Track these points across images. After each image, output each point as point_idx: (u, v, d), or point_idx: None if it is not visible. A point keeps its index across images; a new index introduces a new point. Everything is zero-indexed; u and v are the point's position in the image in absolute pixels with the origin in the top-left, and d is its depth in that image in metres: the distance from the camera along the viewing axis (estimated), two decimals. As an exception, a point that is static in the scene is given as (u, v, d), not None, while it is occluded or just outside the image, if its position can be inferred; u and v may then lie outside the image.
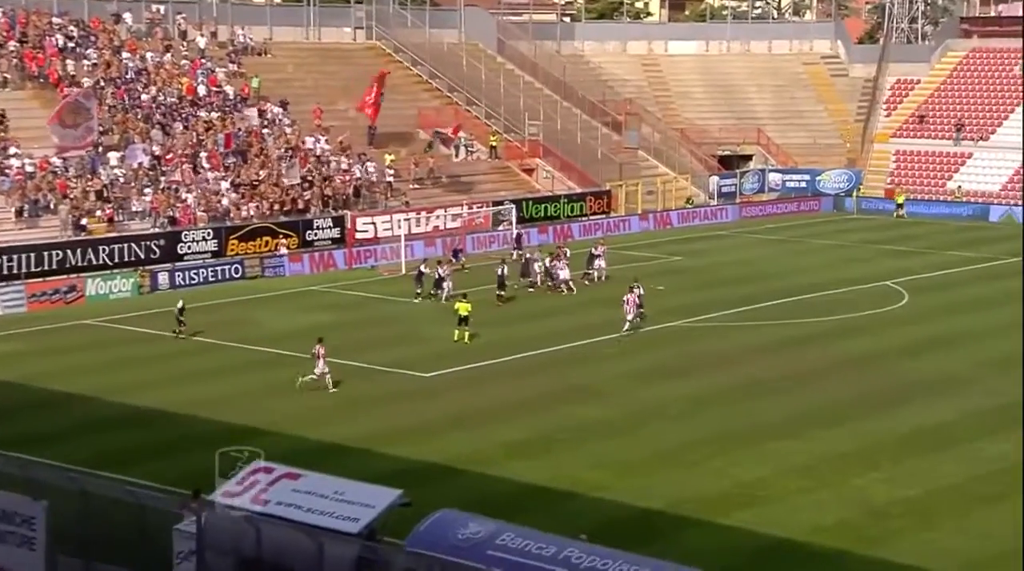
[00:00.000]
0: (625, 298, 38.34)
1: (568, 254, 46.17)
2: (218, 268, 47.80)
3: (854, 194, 69.42)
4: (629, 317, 37.95)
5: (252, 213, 51.67)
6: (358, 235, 52.41)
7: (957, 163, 71.18)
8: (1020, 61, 74.70)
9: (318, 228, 52.11)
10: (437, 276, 43.36)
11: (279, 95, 60.99)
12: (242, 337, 38.10)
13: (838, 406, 30.33)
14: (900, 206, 66.32)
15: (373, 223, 53.30)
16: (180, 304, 38.28)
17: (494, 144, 64.85)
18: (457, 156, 63.71)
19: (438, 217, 55.40)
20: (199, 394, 31.45)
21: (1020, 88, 73.57)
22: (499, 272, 43.12)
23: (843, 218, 67.03)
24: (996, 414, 29.47)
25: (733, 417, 29.50)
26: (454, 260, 47.48)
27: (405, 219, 52.58)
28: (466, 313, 37.18)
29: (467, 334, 37.21)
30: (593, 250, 47.85)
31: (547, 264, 45.38)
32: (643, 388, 32.21)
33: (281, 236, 50.67)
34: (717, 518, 23.20)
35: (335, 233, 52.39)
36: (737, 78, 80.00)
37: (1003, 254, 53.46)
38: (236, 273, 48.07)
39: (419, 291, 43.56)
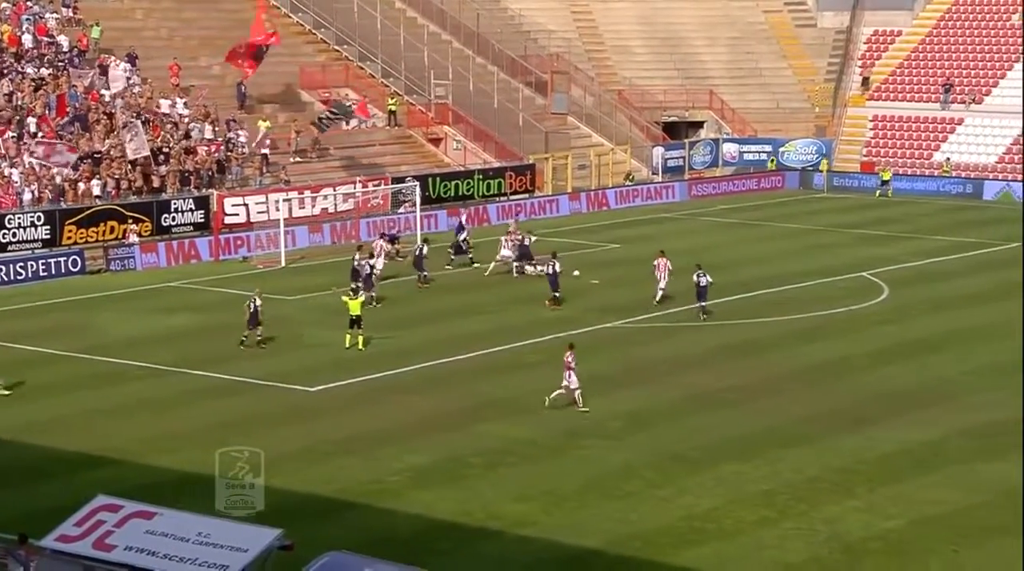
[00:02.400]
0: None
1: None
2: (51, 261, 47.16)
3: (824, 168, 70.64)
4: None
5: (94, 193, 51.01)
6: (226, 220, 52.03)
7: (945, 131, 72.80)
8: (1020, 8, 76.65)
9: (176, 211, 51.65)
10: (369, 269, 42.59)
11: (126, 48, 60.26)
12: (81, 346, 37.66)
13: (804, 422, 30.86)
14: (886, 183, 67.58)
15: (245, 205, 52.95)
16: None
17: (393, 109, 64.77)
18: (348, 123, 63.43)
19: (326, 198, 55.22)
20: (25, 416, 31.01)
21: (1020, 41, 75.49)
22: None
23: (811, 197, 68.18)
24: (990, 430, 30.22)
25: (678, 436, 29.86)
26: (389, 247, 46.80)
27: (284, 200, 52.31)
28: (358, 313, 37.11)
29: (361, 338, 37.17)
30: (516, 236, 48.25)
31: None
32: (573, 402, 32.45)
33: (131, 221, 50.13)
34: (665, 557, 23.48)
35: (198, 217, 51.98)
36: (685, 29, 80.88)
37: (998, 239, 54.84)
38: (74, 267, 47.49)
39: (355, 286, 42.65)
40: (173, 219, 51.45)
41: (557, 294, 42.69)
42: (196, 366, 35.43)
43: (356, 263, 42.64)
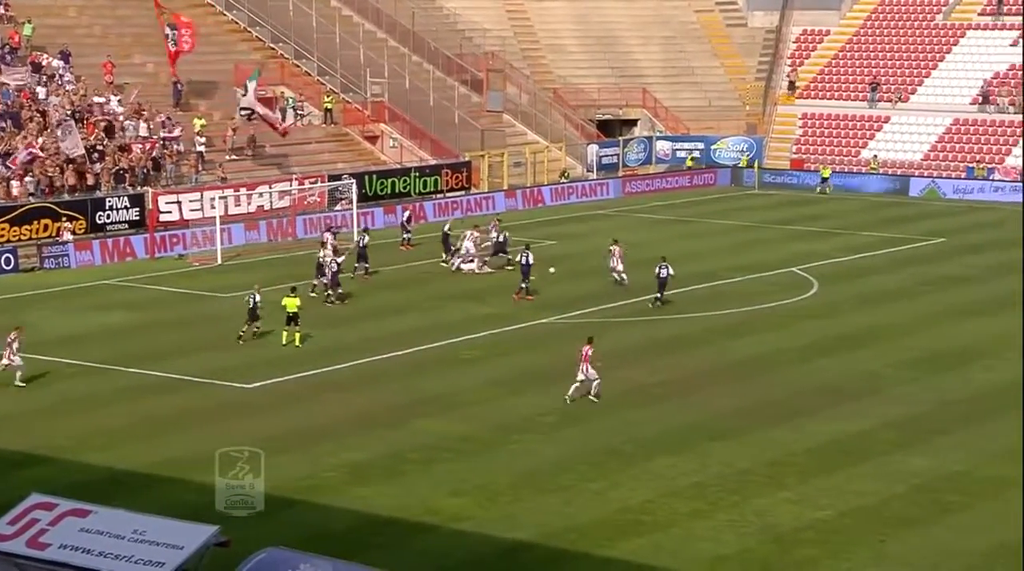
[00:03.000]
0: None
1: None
2: (-15, 259, 46.72)
3: (755, 165, 71.23)
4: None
5: (27, 190, 50.37)
6: (161, 217, 51.60)
7: (873, 129, 73.65)
8: (943, 11, 77.78)
9: (111, 209, 51.17)
10: (335, 266, 42.37)
11: (59, 45, 59.57)
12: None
13: (735, 415, 31.13)
14: (825, 181, 68.12)
15: (179, 202, 52.53)
16: None
17: (329, 106, 64.53)
18: (284, 120, 63.06)
19: (262, 195, 54.93)
20: (-38, 415, 30.65)
21: (944, 39, 76.49)
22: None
23: (743, 194, 68.74)
24: (916, 422, 30.66)
25: (612, 430, 30.03)
26: (333, 240, 46.71)
27: (220, 197, 51.95)
28: (295, 310, 37.03)
29: (298, 335, 37.02)
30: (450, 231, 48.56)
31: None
32: (508, 398, 32.55)
33: (65, 219, 49.60)
34: (599, 550, 23.59)
35: (132, 215, 51.55)
36: (619, 28, 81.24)
37: (924, 234, 55.60)
38: (7, 265, 47.04)
39: (317, 283, 42.67)
40: (108, 217, 50.97)
41: (525, 285, 42.81)
42: (131, 364, 35.14)
43: (320, 258, 42.54)
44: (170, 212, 52.05)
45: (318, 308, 41.28)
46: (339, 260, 43.05)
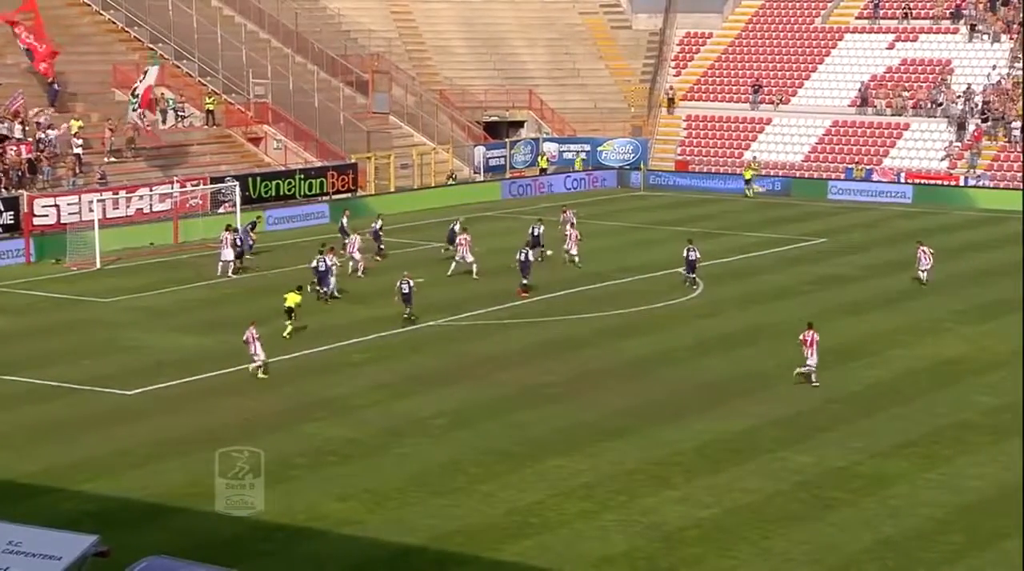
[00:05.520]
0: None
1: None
2: None
3: (641, 167, 71.88)
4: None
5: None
6: (37, 221, 50.52)
7: (755, 130, 74.76)
8: (821, 14, 79.26)
9: (-15, 212, 50.03)
10: (323, 266, 42.56)
11: (-71, 44, 58.07)
12: None
13: (622, 415, 31.35)
14: (749, 182, 68.58)
15: (56, 206, 51.48)
16: None
17: (211, 107, 63.74)
18: (164, 122, 62.20)
19: (142, 197, 54.09)
20: None
21: (823, 43, 77.95)
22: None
23: (629, 195, 69.34)
24: (799, 420, 31.15)
25: (502, 432, 30.07)
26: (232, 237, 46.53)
27: (99, 200, 50.99)
28: (293, 305, 37.54)
29: (289, 326, 37.47)
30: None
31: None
32: (397, 401, 32.43)
33: (-63, 223, 48.35)
34: (488, 552, 23.60)
35: (8, 219, 50.44)
36: (504, 30, 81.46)
37: (806, 235, 56.57)
38: None
39: (321, 290, 42.55)
40: (-18, 221, 49.82)
41: (526, 281, 43.73)
42: (8, 371, 34.34)
43: (315, 262, 42.79)
44: (47, 216, 50.99)
45: (189, 312, 40.80)
46: (328, 259, 42.87)
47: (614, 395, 33.11)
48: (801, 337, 33.72)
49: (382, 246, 50.03)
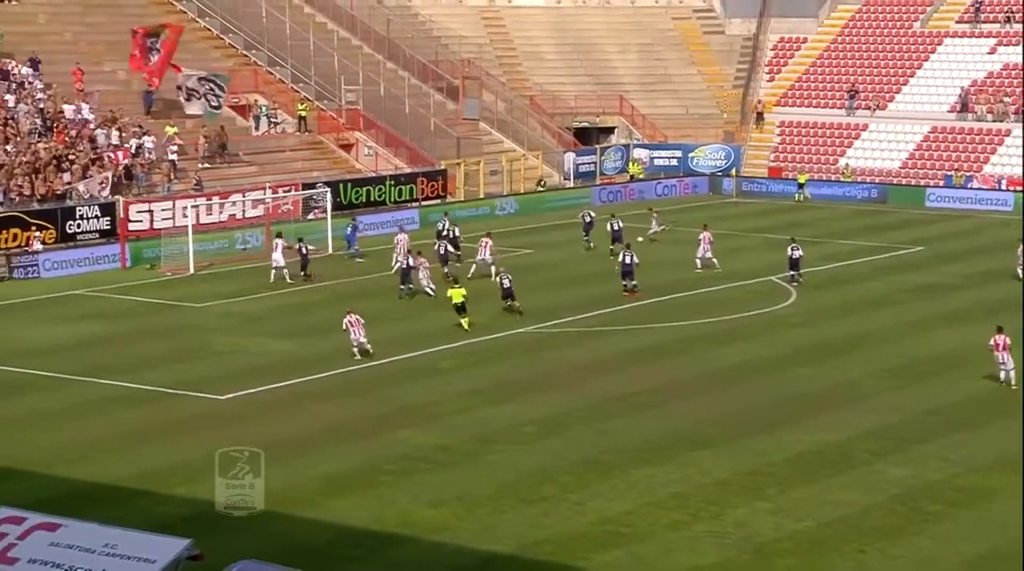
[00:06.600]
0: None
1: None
2: (-48, 269, 46.45)
3: (733, 173, 71.42)
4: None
5: (-3, 199, 50.23)
6: (132, 226, 51.42)
7: (851, 136, 73.95)
8: (920, 19, 78.17)
9: (82, 218, 50.98)
10: (404, 265, 44.16)
11: (28, 52, 59.35)
12: (-15, 355, 37.01)
13: (713, 424, 31.14)
14: (802, 187, 68.37)
15: (150, 211, 52.35)
16: None
17: (303, 114, 64.48)
18: (257, 128, 63.04)
19: (234, 203, 54.81)
20: (-70, 428, 30.46)
21: (922, 47, 76.90)
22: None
23: (721, 202, 68.92)
24: (895, 432, 30.73)
25: (592, 440, 30.00)
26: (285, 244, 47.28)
27: (192, 206, 51.79)
28: (461, 299, 39.18)
29: (466, 321, 38.94)
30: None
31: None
32: (486, 408, 32.50)
33: (34, 228, 49.36)
34: (577, 562, 23.54)
35: (103, 224, 51.31)
36: (596, 35, 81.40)
37: (903, 243, 55.81)
38: (-24, 275, 46.84)
39: (406, 288, 43.99)
40: (78, 226, 50.76)
41: (630, 283, 44.50)
42: (103, 375, 34.97)
43: (402, 264, 44.42)
44: (140, 221, 51.86)
45: (281, 317, 41.26)
46: (411, 259, 44.25)
47: (705, 404, 32.92)
48: (992, 341, 33.62)
49: (454, 250, 48.89)
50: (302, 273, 46.97)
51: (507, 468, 28.17)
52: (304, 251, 47.16)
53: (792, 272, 46.44)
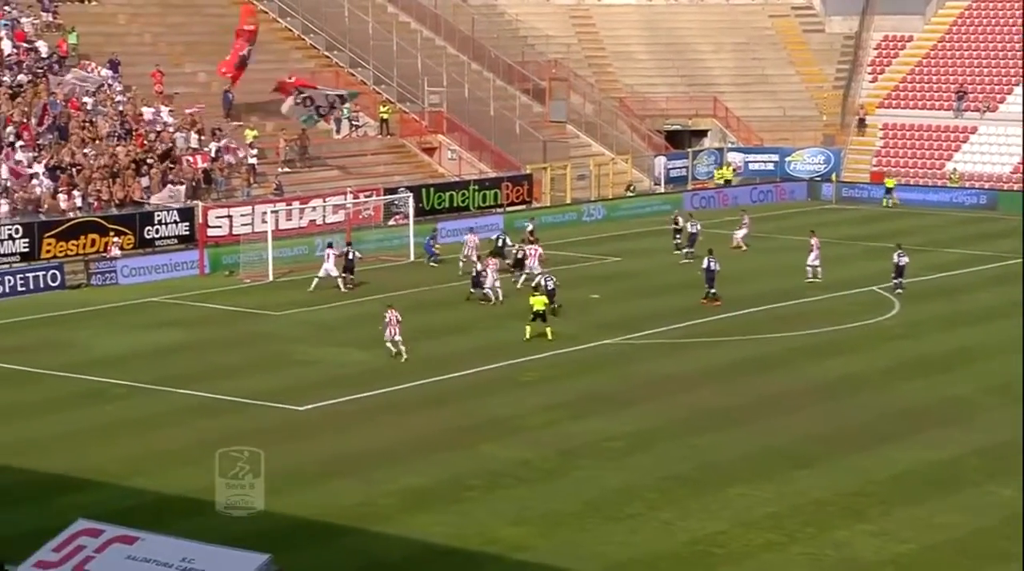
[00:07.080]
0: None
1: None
2: (29, 275, 47.13)
3: (833, 178, 70.76)
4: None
5: (74, 205, 51.00)
6: (211, 232, 52.02)
7: (958, 140, 72.93)
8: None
9: (160, 223, 51.65)
10: (474, 271, 45.25)
11: (107, 54, 60.35)
12: (62, 363, 37.60)
13: (811, 441, 30.85)
14: (890, 191, 67.81)
15: (229, 217, 52.95)
16: None
17: (385, 116, 64.89)
18: (339, 131, 63.52)
19: (315, 209, 55.24)
20: (2, 437, 30.98)
21: (1033, 48, 75.71)
22: None
23: (820, 208, 68.28)
24: (1006, 451, 30.20)
25: (682, 456, 29.85)
26: (336, 252, 47.85)
27: (272, 211, 52.29)
28: (542, 308, 39.71)
29: (548, 330, 39.32)
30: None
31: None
32: (571, 422, 32.45)
33: (112, 233, 50.11)
34: (666, 583, 23.49)
35: (182, 229, 51.96)
36: (689, 34, 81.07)
37: (1012, 252, 54.86)
38: (53, 281, 47.48)
39: (476, 292, 44.96)
40: (157, 232, 51.42)
41: (713, 290, 44.58)
42: (181, 384, 35.39)
43: (474, 271, 45.24)
44: (219, 227, 52.42)
45: (359, 326, 41.48)
46: (480, 265, 45.35)
47: (802, 420, 32.61)
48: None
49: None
50: (343, 274, 47.14)
51: (592, 485, 28.10)
52: (352, 257, 47.58)
53: (897, 279, 46.27)
